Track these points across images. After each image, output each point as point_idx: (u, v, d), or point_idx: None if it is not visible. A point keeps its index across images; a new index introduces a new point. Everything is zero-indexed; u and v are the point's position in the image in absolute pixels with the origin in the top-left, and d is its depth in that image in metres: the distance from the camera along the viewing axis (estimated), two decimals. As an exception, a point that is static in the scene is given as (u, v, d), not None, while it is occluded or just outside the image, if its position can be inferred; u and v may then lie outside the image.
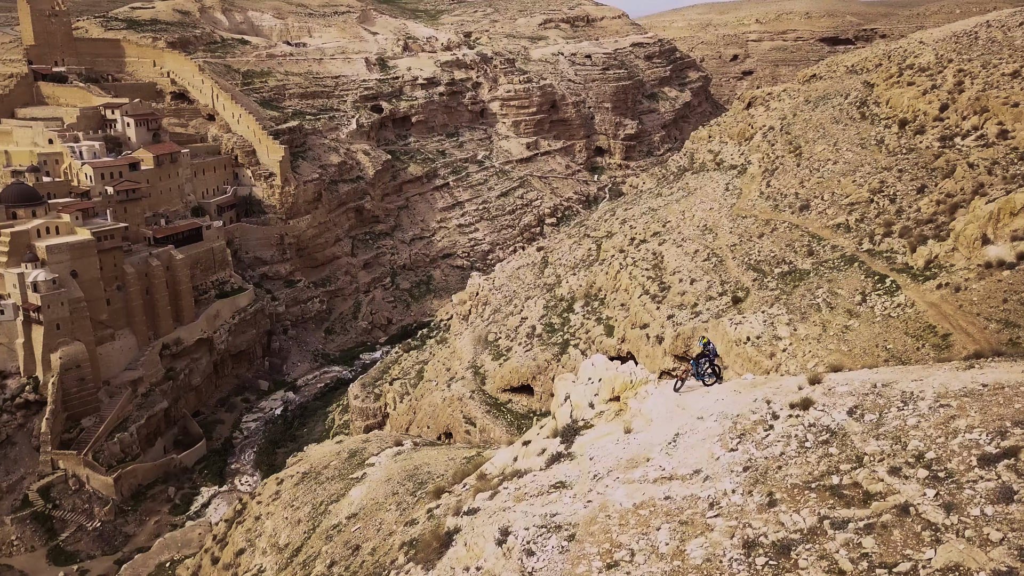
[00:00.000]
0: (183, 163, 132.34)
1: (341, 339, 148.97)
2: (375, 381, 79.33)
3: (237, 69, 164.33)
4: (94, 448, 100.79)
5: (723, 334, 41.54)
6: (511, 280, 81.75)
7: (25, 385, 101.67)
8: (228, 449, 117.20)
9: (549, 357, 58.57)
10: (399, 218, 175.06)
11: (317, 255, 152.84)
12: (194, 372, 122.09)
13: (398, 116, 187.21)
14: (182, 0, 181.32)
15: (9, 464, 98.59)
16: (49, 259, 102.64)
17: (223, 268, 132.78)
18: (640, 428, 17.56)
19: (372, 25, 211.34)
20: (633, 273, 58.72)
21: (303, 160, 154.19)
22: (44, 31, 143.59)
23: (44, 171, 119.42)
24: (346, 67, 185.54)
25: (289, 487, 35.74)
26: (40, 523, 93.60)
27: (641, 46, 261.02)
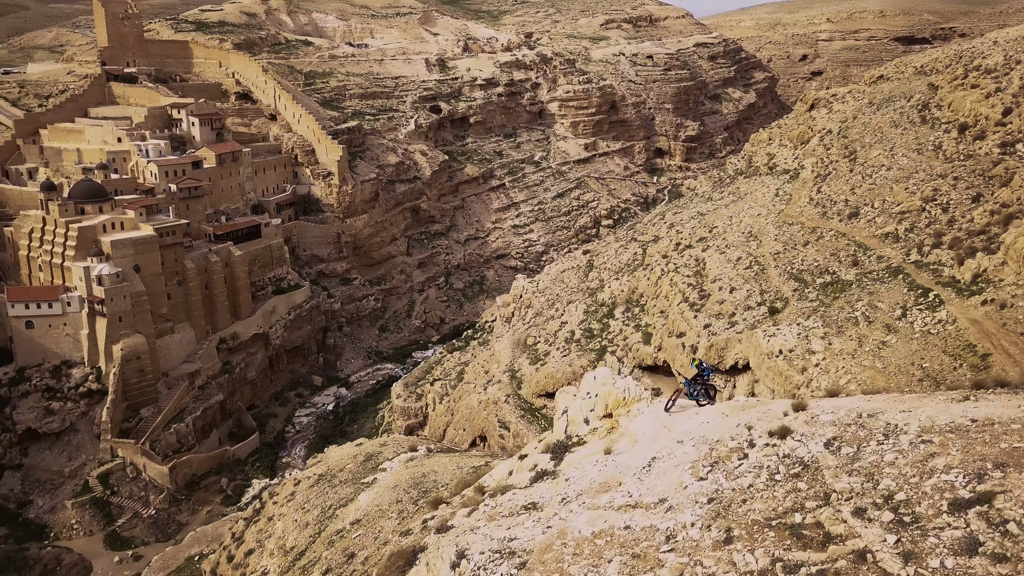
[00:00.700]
0: (244, 162, 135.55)
1: (395, 337, 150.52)
2: (418, 381, 79.83)
3: (300, 70, 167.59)
4: (151, 438, 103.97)
5: (756, 346, 40.23)
6: (555, 283, 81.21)
7: (88, 375, 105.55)
8: (280, 443, 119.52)
9: (585, 363, 57.85)
10: (454, 218, 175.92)
11: (373, 254, 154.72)
12: (250, 366, 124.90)
13: (456, 117, 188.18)
14: (249, 2, 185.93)
15: (72, 451, 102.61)
16: (113, 253, 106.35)
17: (281, 265, 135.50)
18: (622, 449, 16.96)
19: (433, 26, 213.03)
20: (674, 280, 57.54)
21: (361, 160, 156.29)
22: (117, 33, 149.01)
23: (113, 168, 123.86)
24: (406, 68, 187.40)
25: (304, 488, 36.08)
26: (99, 508, 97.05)
27: (705, 46, 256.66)
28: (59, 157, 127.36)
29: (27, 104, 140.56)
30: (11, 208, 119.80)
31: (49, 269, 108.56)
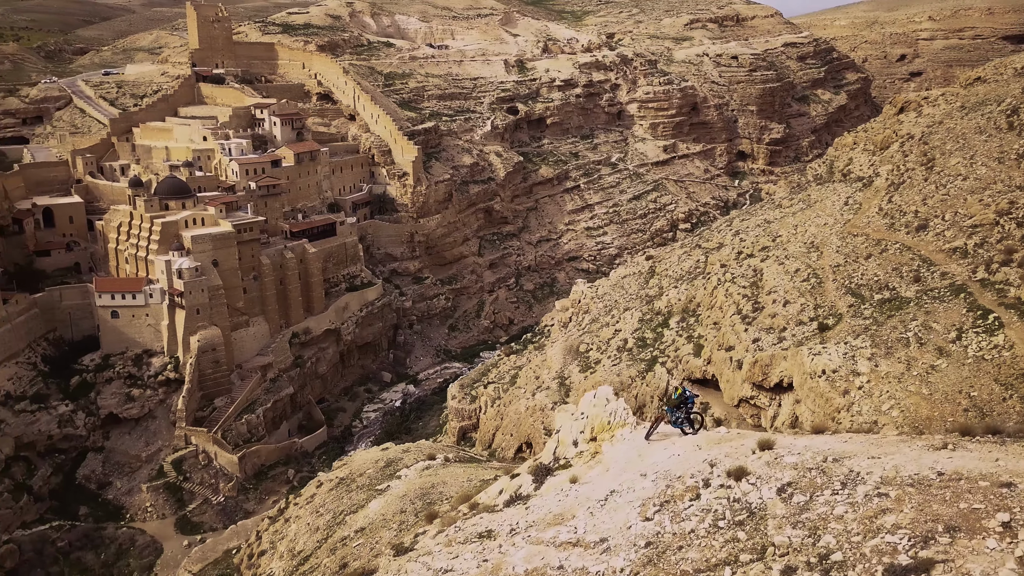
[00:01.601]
0: (322, 161, 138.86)
1: (463, 336, 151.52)
2: (473, 383, 79.97)
3: (380, 71, 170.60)
4: (223, 427, 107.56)
5: (799, 364, 38.37)
6: (614, 289, 79.91)
7: (167, 364, 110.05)
8: (347, 437, 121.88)
9: (634, 374, 56.59)
10: (527, 219, 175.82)
11: (445, 253, 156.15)
12: (321, 361, 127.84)
13: (533, 118, 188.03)
14: (334, 5, 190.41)
15: (149, 436, 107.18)
16: (193, 248, 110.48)
17: (354, 263, 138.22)
18: (589, 479, 16.26)
19: (514, 27, 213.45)
20: (729, 290, 55.69)
21: (436, 160, 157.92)
22: (208, 36, 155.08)
23: (197, 166, 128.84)
24: (485, 69, 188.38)
25: (324, 491, 36.38)
26: (171, 493, 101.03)
27: (794, 46, 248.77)
28: (149, 154, 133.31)
29: (123, 103, 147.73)
30: (104, 203, 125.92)
31: (135, 262, 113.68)
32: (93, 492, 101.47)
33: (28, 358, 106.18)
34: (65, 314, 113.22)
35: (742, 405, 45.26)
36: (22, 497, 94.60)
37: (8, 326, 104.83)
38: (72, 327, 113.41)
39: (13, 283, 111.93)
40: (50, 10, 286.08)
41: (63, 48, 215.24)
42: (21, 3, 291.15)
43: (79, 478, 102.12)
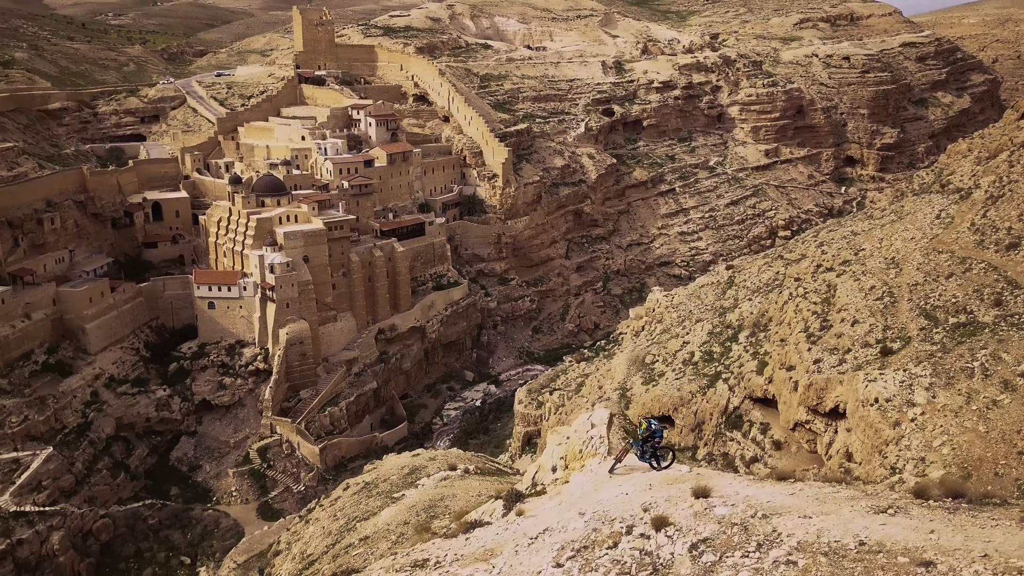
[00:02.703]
0: (414, 162, 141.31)
1: (547, 339, 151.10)
2: (541, 388, 79.39)
3: (476, 72, 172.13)
4: (307, 418, 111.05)
5: (853, 390, 35.94)
6: (690, 298, 77.55)
7: (257, 355, 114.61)
8: (427, 434, 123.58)
9: (695, 389, 54.64)
10: (618, 223, 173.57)
11: (532, 255, 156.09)
12: (405, 357, 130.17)
13: (629, 120, 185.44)
14: (435, 8, 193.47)
15: (238, 423, 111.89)
16: (285, 244, 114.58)
17: (442, 262, 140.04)
18: (535, 512, 15.55)
19: (613, 28, 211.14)
20: (799, 306, 52.98)
21: (527, 162, 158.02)
22: (311, 39, 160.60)
23: (295, 165, 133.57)
24: (582, 70, 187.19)
25: (347, 495, 36.65)
26: (255, 479, 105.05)
27: (913, 46, 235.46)
28: (252, 153, 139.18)
29: (232, 103, 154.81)
30: (208, 198, 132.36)
31: (232, 256, 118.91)
32: (184, 474, 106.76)
33: (132, 344, 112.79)
34: (167, 303, 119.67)
35: (798, 429, 42.95)
36: (119, 475, 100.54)
37: (115, 313, 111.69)
38: (173, 316, 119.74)
39: (121, 272, 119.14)
40: (176, 14, 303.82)
41: (184, 50, 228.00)
42: (151, 8, 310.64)
43: (172, 460, 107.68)
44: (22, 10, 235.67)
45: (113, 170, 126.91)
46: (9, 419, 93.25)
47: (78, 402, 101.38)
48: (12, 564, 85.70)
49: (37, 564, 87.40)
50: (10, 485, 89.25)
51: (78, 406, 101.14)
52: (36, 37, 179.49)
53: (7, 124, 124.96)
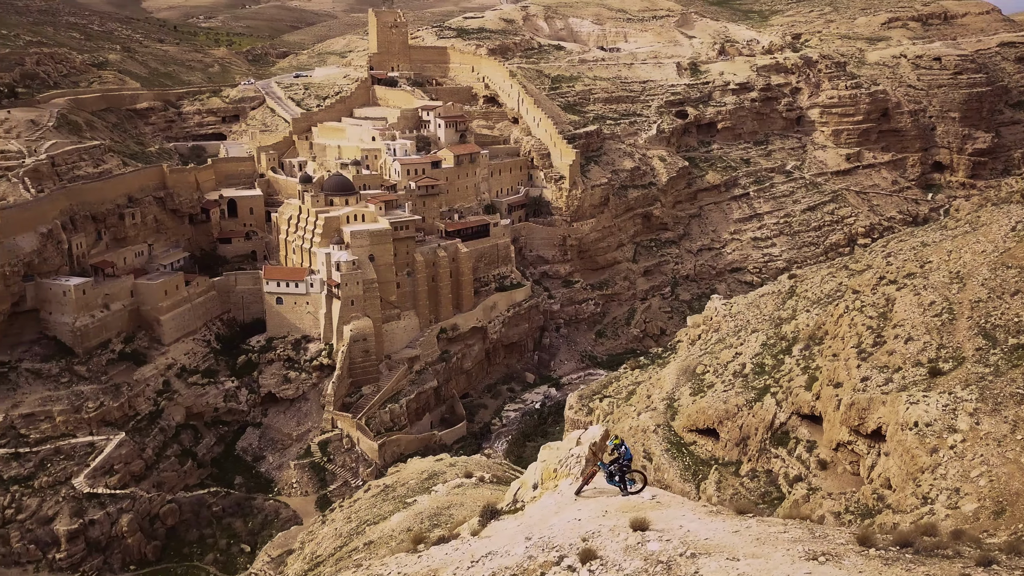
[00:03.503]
0: (481, 163, 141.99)
1: (611, 343, 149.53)
2: (592, 395, 78.52)
3: (547, 74, 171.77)
4: (368, 414, 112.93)
5: (894, 413, 34.06)
6: (749, 308, 75.36)
7: (322, 350, 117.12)
8: (485, 434, 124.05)
9: (741, 402, 52.96)
10: (688, 227, 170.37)
11: (598, 258, 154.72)
12: (466, 357, 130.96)
13: (703, 122, 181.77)
14: (509, 9, 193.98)
15: (301, 417, 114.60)
16: (352, 243, 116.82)
17: (506, 263, 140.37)
18: (490, 533, 15.15)
19: (690, 29, 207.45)
20: (855, 319, 50.75)
21: (596, 164, 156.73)
22: (386, 40, 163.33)
23: (364, 165, 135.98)
24: (655, 72, 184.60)
25: (366, 497, 36.82)
26: (315, 472, 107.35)
27: (1012, 46, 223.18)
28: (324, 152, 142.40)
29: (308, 104, 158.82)
30: (282, 196, 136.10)
31: (301, 253, 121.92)
32: (248, 464, 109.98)
33: (203, 336, 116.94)
34: (239, 297, 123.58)
35: (840, 450, 41.11)
36: (187, 462, 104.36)
37: (188, 305, 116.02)
38: (244, 310, 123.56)
39: (196, 267, 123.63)
40: (263, 17, 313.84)
41: (268, 52, 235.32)
42: (240, 11, 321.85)
43: (237, 449, 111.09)
44: (120, 14, 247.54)
45: (192, 168, 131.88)
46: (86, 404, 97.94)
47: (151, 390, 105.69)
48: (84, 543, 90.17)
49: (107, 544, 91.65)
50: (85, 467, 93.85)
51: (151, 394, 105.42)
52: (129, 40, 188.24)
53: (96, 123, 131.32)
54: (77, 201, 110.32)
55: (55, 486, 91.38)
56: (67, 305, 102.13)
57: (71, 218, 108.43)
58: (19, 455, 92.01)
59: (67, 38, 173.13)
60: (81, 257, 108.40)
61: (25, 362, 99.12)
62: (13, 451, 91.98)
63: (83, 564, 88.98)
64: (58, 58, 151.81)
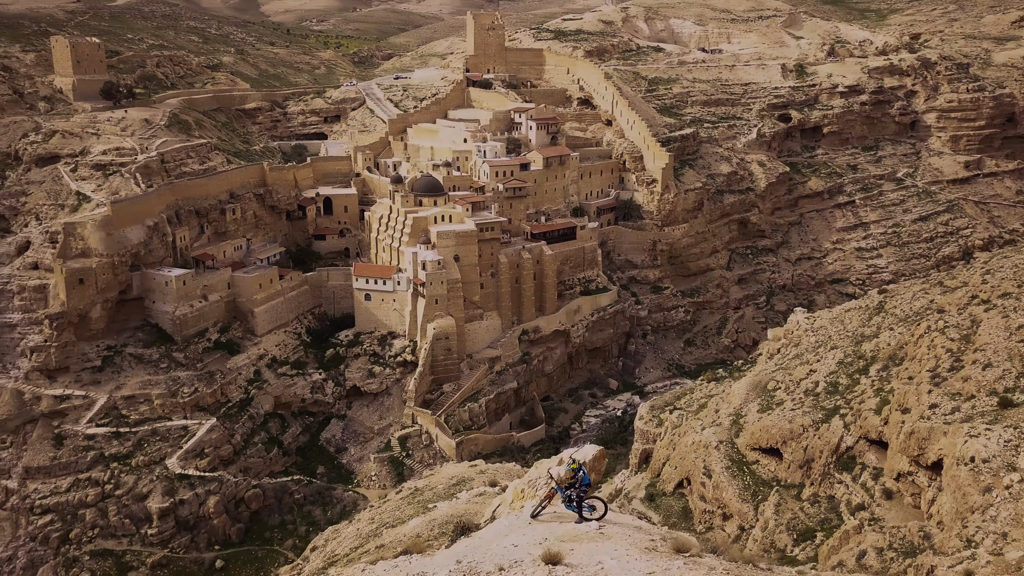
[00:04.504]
0: (571, 165, 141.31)
1: (700, 353, 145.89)
2: (665, 405, 76.55)
3: (644, 76, 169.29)
4: (447, 412, 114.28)
5: (952, 445, 31.47)
6: (833, 322, 71.67)
7: (406, 347, 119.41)
8: (564, 438, 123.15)
9: (807, 423, 50.34)
10: (787, 234, 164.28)
11: (690, 264, 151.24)
12: (548, 360, 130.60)
13: (807, 126, 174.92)
14: (609, 11, 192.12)
15: (383, 411, 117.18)
16: (438, 243, 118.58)
17: (592, 267, 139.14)
18: (439, 552, 14.79)
19: (798, 29, 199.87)
20: (935, 341, 47.42)
21: (690, 168, 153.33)
22: (483, 43, 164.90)
23: (455, 166, 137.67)
24: (758, 74, 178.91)
25: (396, 499, 36.81)
26: (394, 466, 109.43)
27: None
28: (418, 153, 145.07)
29: (405, 105, 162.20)
30: (375, 196, 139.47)
31: (390, 251, 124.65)
32: (331, 455, 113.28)
33: (294, 328, 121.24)
34: (330, 292, 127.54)
35: (901, 480, 38.46)
36: (273, 449, 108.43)
37: (282, 299, 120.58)
38: (334, 304, 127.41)
39: (291, 261, 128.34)
40: (372, 20, 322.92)
41: (374, 54, 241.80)
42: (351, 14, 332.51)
43: (321, 440, 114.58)
44: (239, 17, 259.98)
45: (291, 166, 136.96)
46: (182, 389, 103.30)
47: (242, 379, 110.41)
48: (174, 521, 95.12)
49: (194, 524, 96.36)
50: (178, 449, 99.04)
51: (242, 383, 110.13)
52: (243, 42, 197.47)
53: (205, 122, 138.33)
54: (182, 196, 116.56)
55: (150, 465, 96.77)
56: (169, 295, 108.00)
57: (176, 212, 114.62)
58: (120, 434, 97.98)
59: (186, 41, 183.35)
60: (184, 249, 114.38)
61: (129, 347, 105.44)
62: (114, 430, 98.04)
63: (172, 541, 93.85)
64: (176, 60, 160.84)
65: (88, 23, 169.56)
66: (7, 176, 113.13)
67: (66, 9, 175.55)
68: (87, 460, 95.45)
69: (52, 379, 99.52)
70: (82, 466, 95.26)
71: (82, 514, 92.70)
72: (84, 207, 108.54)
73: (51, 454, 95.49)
